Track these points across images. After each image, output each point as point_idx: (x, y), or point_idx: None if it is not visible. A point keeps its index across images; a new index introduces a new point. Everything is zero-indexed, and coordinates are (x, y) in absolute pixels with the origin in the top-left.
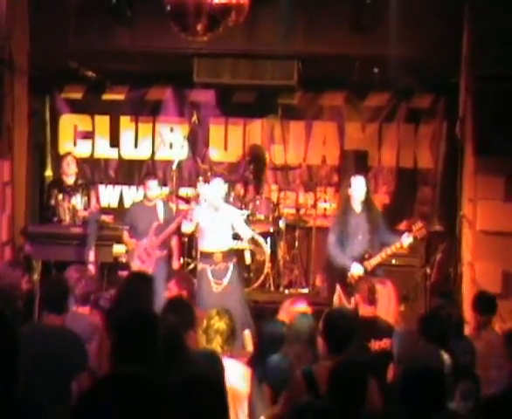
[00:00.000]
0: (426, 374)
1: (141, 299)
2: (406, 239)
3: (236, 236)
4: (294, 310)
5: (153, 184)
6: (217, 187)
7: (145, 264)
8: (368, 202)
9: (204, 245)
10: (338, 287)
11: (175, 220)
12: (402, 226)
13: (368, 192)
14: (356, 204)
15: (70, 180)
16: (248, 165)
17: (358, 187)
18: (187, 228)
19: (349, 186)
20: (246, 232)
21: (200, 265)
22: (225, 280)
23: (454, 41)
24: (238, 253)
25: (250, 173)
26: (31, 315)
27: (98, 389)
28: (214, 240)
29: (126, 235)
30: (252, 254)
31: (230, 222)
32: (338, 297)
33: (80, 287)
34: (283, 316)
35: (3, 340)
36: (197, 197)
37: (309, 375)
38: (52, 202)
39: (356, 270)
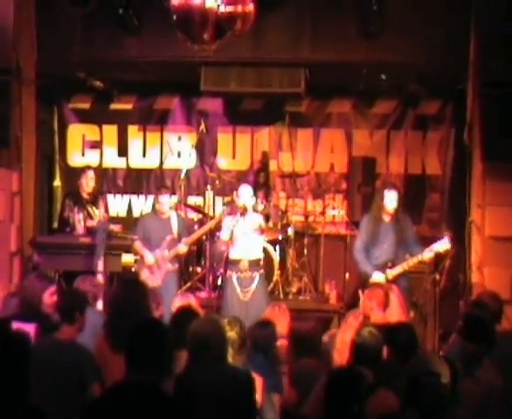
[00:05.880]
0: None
1: (139, 305)
2: (427, 253)
3: None
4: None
5: (165, 199)
6: (245, 193)
7: (154, 276)
8: (397, 214)
9: (232, 253)
10: (361, 294)
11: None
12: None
13: (398, 205)
14: (386, 215)
15: (87, 194)
16: (259, 173)
17: (390, 201)
18: (224, 236)
19: (382, 198)
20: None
21: (227, 272)
22: (251, 288)
23: (461, 47)
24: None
25: (261, 179)
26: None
27: (105, 398)
28: (242, 248)
29: (138, 243)
30: None
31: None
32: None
33: None
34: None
35: (14, 353)
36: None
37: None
38: (66, 213)
39: (377, 278)
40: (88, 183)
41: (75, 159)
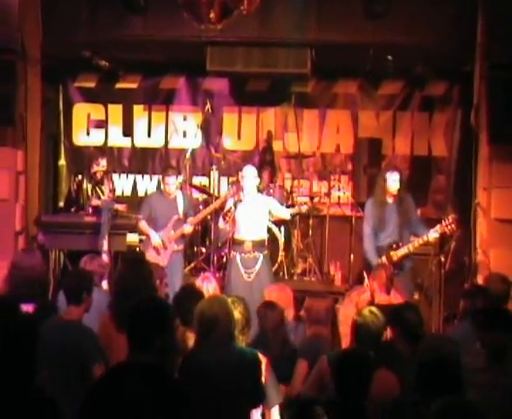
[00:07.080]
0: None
1: (144, 285)
2: (433, 233)
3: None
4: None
5: (171, 180)
6: (249, 174)
7: (160, 256)
8: (400, 195)
9: (237, 234)
10: (366, 275)
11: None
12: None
13: (401, 186)
14: (389, 197)
15: (94, 174)
16: (264, 153)
17: (393, 181)
18: (220, 223)
19: (384, 181)
20: (285, 212)
21: (231, 253)
22: (255, 269)
23: (468, 28)
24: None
25: (266, 159)
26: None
27: (106, 379)
28: (246, 230)
29: (144, 223)
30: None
31: (265, 210)
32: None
33: None
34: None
35: (22, 334)
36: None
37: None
38: (75, 192)
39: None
40: (99, 169)
41: (80, 138)
